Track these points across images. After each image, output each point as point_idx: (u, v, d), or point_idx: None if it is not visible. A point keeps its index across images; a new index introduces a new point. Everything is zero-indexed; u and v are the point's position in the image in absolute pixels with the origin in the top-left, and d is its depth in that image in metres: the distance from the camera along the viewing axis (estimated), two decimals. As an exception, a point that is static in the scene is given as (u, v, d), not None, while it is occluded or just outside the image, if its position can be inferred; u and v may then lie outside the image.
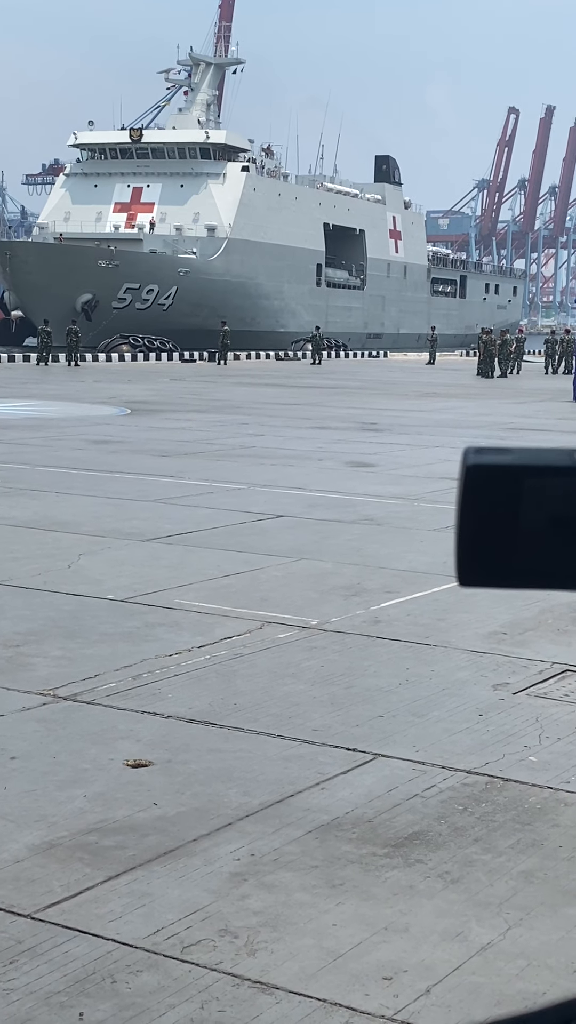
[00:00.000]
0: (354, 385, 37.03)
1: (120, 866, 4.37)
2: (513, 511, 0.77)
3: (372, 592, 8.80)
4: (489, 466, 0.77)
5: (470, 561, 0.78)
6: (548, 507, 0.77)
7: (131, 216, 64.81)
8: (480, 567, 0.78)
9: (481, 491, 0.77)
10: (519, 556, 0.77)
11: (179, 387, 34.17)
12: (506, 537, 0.77)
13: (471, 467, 0.77)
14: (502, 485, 0.77)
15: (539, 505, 0.77)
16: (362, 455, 17.42)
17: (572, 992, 0.73)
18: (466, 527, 0.78)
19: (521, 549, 0.77)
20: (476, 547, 0.78)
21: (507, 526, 0.77)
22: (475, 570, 0.78)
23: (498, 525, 0.77)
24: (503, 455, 0.77)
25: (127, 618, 7.92)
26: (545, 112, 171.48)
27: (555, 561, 0.77)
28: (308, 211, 71.30)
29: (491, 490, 0.77)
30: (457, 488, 0.78)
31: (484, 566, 0.78)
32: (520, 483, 0.77)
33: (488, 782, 5.22)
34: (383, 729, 5.86)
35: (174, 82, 74.49)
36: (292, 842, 4.58)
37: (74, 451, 17.35)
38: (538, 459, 0.77)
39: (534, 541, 0.77)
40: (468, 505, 0.77)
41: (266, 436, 19.98)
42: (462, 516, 0.77)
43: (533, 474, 0.77)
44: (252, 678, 6.64)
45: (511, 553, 0.77)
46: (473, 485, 0.77)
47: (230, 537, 10.82)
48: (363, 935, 3.91)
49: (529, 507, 0.77)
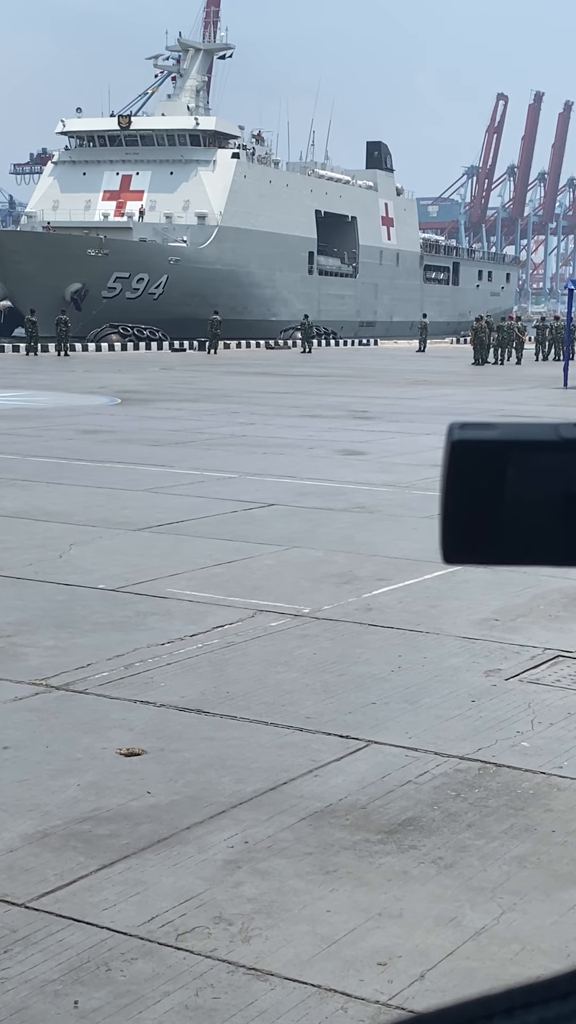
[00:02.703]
0: (344, 373, 37.00)
1: (114, 854, 4.37)
2: (499, 487, 0.76)
3: (364, 580, 8.81)
4: (474, 441, 0.77)
5: (455, 538, 0.78)
6: (534, 482, 0.77)
7: (120, 204, 64.57)
8: (465, 544, 0.78)
9: (466, 467, 0.77)
10: (504, 532, 0.77)
11: (169, 376, 34.11)
12: (491, 513, 0.77)
13: (456, 442, 0.77)
14: (487, 461, 0.77)
15: (525, 481, 0.76)
16: (353, 443, 17.42)
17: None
18: (451, 503, 0.77)
19: (506, 525, 0.77)
20: (461, 524, 0.77)
21: (492, 502, 0.77)
22: (460, 547, 0.78)
23: (483, 501, 0.77)
24: (488, 430, 0.77)
25: (119, 607, 7.91)
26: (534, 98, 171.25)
27: (540, 537, 0.77)
28: (299, 198, 71.07)
29: (476, 466, 0.77)
30: (442, 464, 0.78)
31: (469, 543, 0.78)
32: (505, 458, 0.76)
33: (481, 768, 5.23)
34: (376, 716, 5.86)
35: (163, 68, 74.10)
36: (286, 829, 4.59)
37: (64, 441, 17.32)
38: (523, 434, 0.77)
39: (519, 517, 0.77)
40: (453, 481, 0.77)
41: (257, 425, 19.96)
42: (447, 492, 0.77)
43: (518, 449, 0.76)
44: (244, 666, 6.65)
45: (496, 529, 0.77)
46: (458, 461, 0.77)
47: (221, 526, 10.82)
48: (357, 921, 3.92)
49: (515, 483, 0.76)
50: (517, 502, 0.76)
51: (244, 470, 14.35)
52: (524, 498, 0.76)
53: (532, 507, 0.76)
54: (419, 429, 19.50)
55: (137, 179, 65.17)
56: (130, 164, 65.40)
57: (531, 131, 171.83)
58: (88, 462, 14.97)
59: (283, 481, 13.51)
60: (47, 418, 20.73)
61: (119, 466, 14.63)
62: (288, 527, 10.81)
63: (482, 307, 79.54)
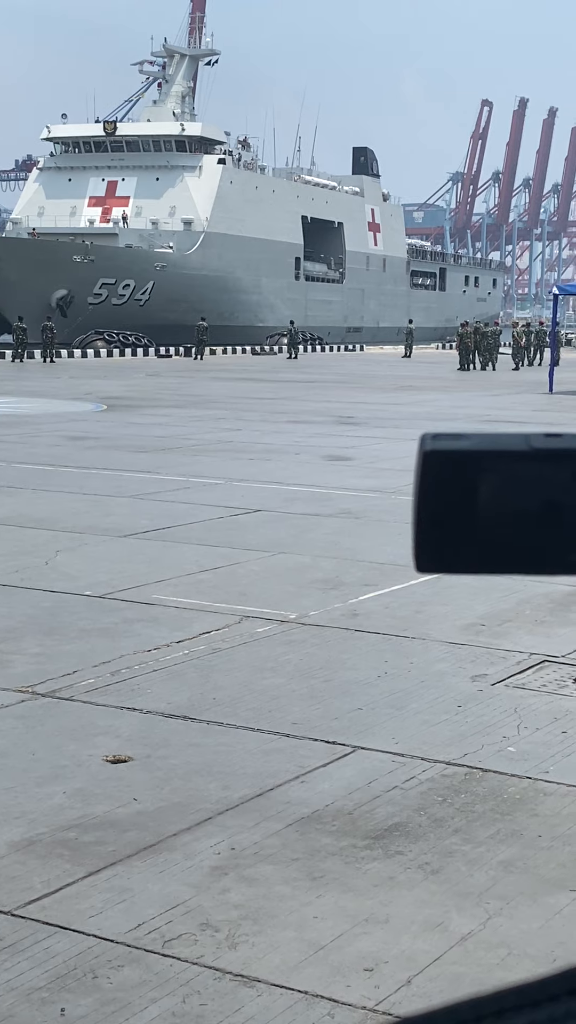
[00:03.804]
0: (331, 379, 37.04)
1: (100, 862, 4.37)
2: (470, 496, 0.78)
3: (350, 585, 8.82)
4: (446, 451, 0.78)
5: (427, 547, 0.79)
6: (505, 492, 0.78)
7: (106, 210, 64.50)
8: (437, 553, 0.79)
9: (438, 477, 0.78)
10: (476, 541, 0.78)
11: (155, 383, 34.10)
12: (463, 522, 0.78)
13: (428, 453, 0.78)
14: (459, 471, 0.78)
15: (496, 490, 0.78)
16: (339, 449, 17.43)
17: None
18: (423, 513, 0.78)
19: (478, 534, 0.78)
20: (433, 532, 0.78)
21: (464, 512, 0.78)
22: (432, 556, 0.79)
23: (455, 511, 0.78)
24: (460, 440, 0.78)
25: (105, 614, 7.90)
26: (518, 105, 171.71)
27: (512, 546, 0.78)
28: (286, 204, 71.11)
29: (448, 476, 0.78)
30: (414, 474, 0.78)
31: (441, 552, 0.79)
32: (477, 468, 0.77)
33: (467, 773, 5.24)
34: (362, 722, 5.87)
35: (148, 74, 74.14)
36: (272, 835, 4.59)
37: (50, 448, 17.29)
38: (495, 444, 0.78)
39: (491, 526, 0.78)
40: (425, 491, 0.78)
41: (243, 431, 19.96)
42: (419, 502, 0.78)
43: (490, 459, 0.77)
44: (231, 672, 6.65)
45: (468, 538, 0.78)
46: (430, 471, 0.78)
47: (208, 532, 10.81)
48: (344, 927, 3.92)
49: (486, 492, 0.77)
50: (489, 511, 0.77)
51: (230, 476, 14.36)
52: (496, 507, 0.77)
53: (504, 516, 0.77)
54: (405, 435, 19.52)
55: (123, 185, 65.13)
56: (116, 170, 65.37)
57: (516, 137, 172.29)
58: (74, 468, 14.95)
59: (269, 487, 13.52)
60: (33, 424, 20.70)
61: (105, 472, 14.61)
62: (274, 533, 10.82)
63: (469, 313, 79.66)
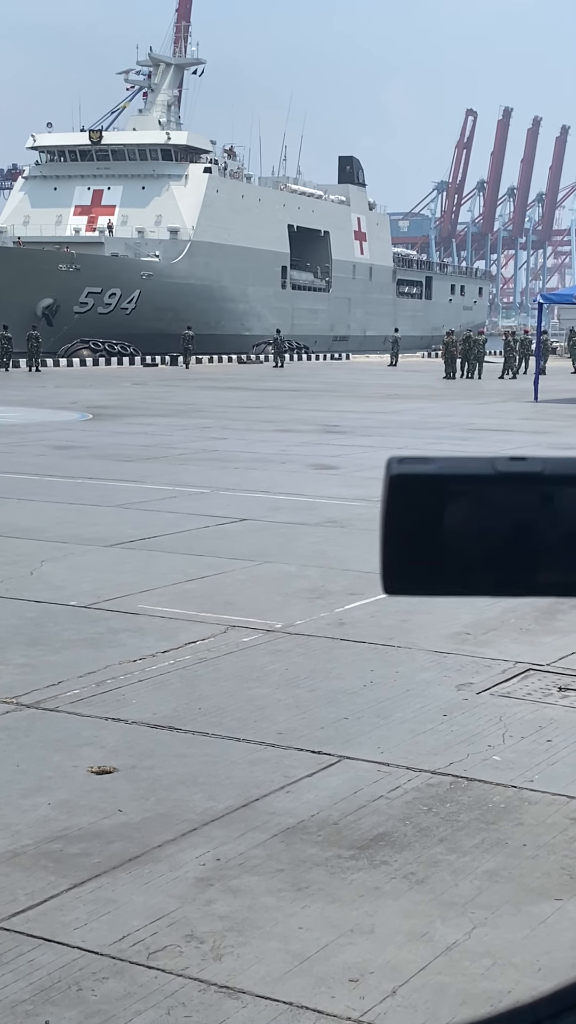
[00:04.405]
0: (317, 387, 37.06)
1: (85, 873, 4.35)
2: (437, 520, 0.78)
3: (336, 594, 8.82)
4: (412, 475, 0.79)
5: (395, 569, 0.80)
6: (471, 515, 0.78)
7: (92, 219, 64.51)
8: (405, 575, 0.80)
9: (405, 500, 0.79)
10: (442, 564, 0.79)
11: (141, 391, 34.08)
12: (430, 545, 0.79)
13: (395, 477, 0.79)
14: (425, 494, 0.78)
15: (462, 513, 0.78)
16: (325, 457, 17.45)
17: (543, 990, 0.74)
18: (391, 535, 0.79)
19: (444, 557, 0.79)
20: (401, 556, 0.79)
21: (431, 534, 0.79)
22: (400, 578, 0.80)
23: (422, 534, 0.79)
24: (426, 464, 0.79)
25: (90, 624, 7.89)
26: (503, 114, 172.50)
27: (478, 568, 0.79)
28: (272, 213, 71.22)
29: (415, 499, 0.79)
30: (381, 497, 0.79)
31: (408, 574, 0.80)
32: (443, 492, 0.78)
33: (452, 782, 5.25)
34: (348, 731, 5.87)
35: (134, 83, 74.23)
36: (258, 846, 4.58)
37: (36, 457, 17.27)
38: (460, 468, 0.79)
39: (457, 549, 0.79)
40: (392, 514, 0.79)
41: (229, 440, 19.96)
42: (387, 525, 0.79)
43: (456, 483, 0.78)
44: (217, 682, 6.64)
45: (435, 561, 0.79)
46: (397, 494, 0.79)
47: (193, 541, 10.81)
48: (329, 937, 3.92)
49: (452, 515, 0.78)
50: (455, 534, 0.78)
51: (216, 485, 14.35)
52: (462, 530, 0.78)
53: (469, 539, 0.78)
54: (391, 443, 19.55)
55: (108, 194, 65.17)
56: (101, 179, 65.41)
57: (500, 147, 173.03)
58: (59, 478, 14.93)
59: (255, 496, 13.52)
60: (18, 434, 20.66)
61: (90, 482, 14.60)
62: (260, 542, 10.82)
63: (455, 321, 79.89)
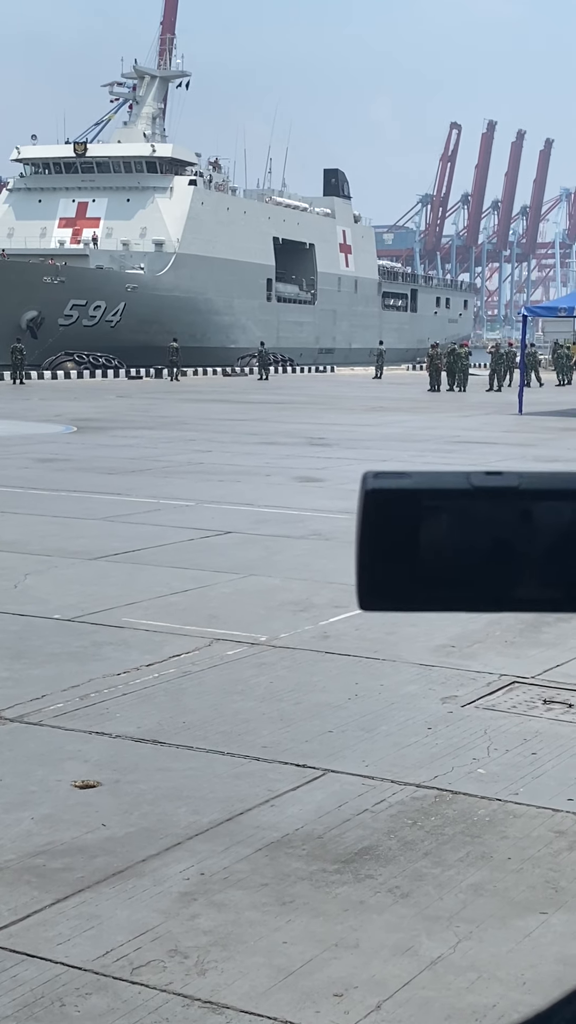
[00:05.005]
0: (301, 400, 37.10)
1: (68, 888, 4.34)
2: (413, 535, 0.78)
3: (321, 607, 8.81)
4: (388, 490, 0.78)
5: (371, 585, 0.79)
6: (446, 530, 0.78)
7: (76, 231, 64.52)
8: (381, 590, 0.79)
9: (381, 515, 0.78)
10: (419, 579, 0.79)
11: (126, 404, 34.06)
12: (406, 561, 0.78)
13: (370, 491, 0.78)
14: (401, 509, 0.78)
15: (438, 528, 0.78)
16: (310, 470, 17.46)
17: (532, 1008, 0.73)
18: (366, 551, 0.79)
19: (420, 572, 0.79)
20: (376, 571, 0.79)
21: (407, 549, 0.78)
22: (376, 593, 0.79)
23: (398, 549, 0.78)
24: (402, 479, 0.79)
25: (74, 637, 7.87)
26: (487, 127, 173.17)
27: (454, 583, 0.79)
28: (257, 225, 71.33)
29: (391, 514, 0.78)
30: (357, 512, 0.79)
31: (384, 589, 0.79)
32: (419, 507, 0.78)
33: (437, 795, 5.24)
34: (332, 744, 5.86)
35: (119, 95, 74.34)
36: (242, 860, 4.57)
37: (20, 470, 17.23)
38: (436, 482, 0.78)
39: (433, 564, 0.78)
40: (368, 529, 0.78)
41: (214, 452, 19.96)
42: (362, 540, 0.79)
43: (432, 498, 0.78)
44: (201, 696, 6.63)
45: (411, 576, 0.79)
46: (373, 509, 0.78)
47: (178, 554, 10.80)
48: (314, 952, 3.91)
49: (428, 530, 0.78)
50: (431, 549, 0.78)
51: (201, 498, 14.35)
52: (438, 545, 0.78)
53: (445, 554, 0.78)
54: (376, 456, 19.58)
55: (93, 206, 65.20)
56: (86, 191, 65.45)
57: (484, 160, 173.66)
58: (43, 491, 14.90)
59: (240, 509, 13.51)
60: (2, 446, 20.62)
61: (75, 495, 14.57)
62: (245, 555, 10.81)
63: (440, 334, 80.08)
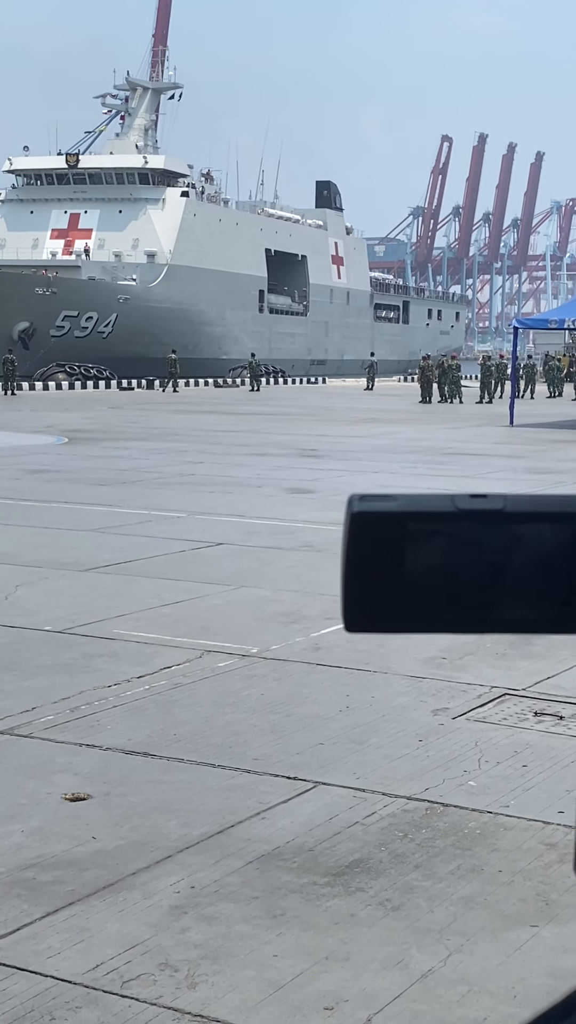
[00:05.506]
0: (293, 411, 37.13)
1: (58, 901, 4.32)
2: (398, 557, 0.78)
3: (312, 619, 8.81)
4: (373, 513, 0.79)
5: (356, 607, 0.79)
6: (431, 552, 0.79)
7: (68, 243, 64.59)
8: (366, 613, 0.80)
9: (366, 538, 0.79)
10: (404, 601, 0.79)
11: (117, 415, 34.06)
12: (391, 583, 0.79)
13: (356, 514, 0.79)
14: (387, 531, 0.78)
15: (423, 551, 0.78)
16: (301, 481, 17.47)
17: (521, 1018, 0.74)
18: (352, 573, 0.79)
19: (406, 594, 0.79)
20: (362, 593, 0.79)
21: (392, 572, 0.79)
22: (361, 616, 0.80)
23: (383, 571, 0.79)
24: (387, 502, 0.79)
25: (65, 649, 7.86)
26: (478, 140, 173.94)
27: (439, 605, 0.79)
28: (249, 237, 71.45)
29: (376, 537, 0.79)
30: (342, 535, 0.79)
31: (370, 612, 0.79)
32: (404, 529, 0.78)
33: (428, 808, 5.24)
34: (323, 757, 5.86)
35: (111, 107, 74.51)
36: (232, 873, 4.56)
37: (10, 481, 17.21)
38: (421, 505, 0.79)
39: (418, 586, 0.79)
40: (353, 552, 0.79)
41: (205, 463, 19.96)
42: (348, 563, 0.79)
43: (417, 520, 0.78)
44: (192, 708, 6.62)
45: (396, 598, 0.79)
46: (358, 532, 0.78)
47: (169, 566, 10.79)
48: (304, 965, 3.90)
49: (413, 552, 0.78)
50: (416, 572, 0.78)
51: (192, 509, 14.34)
52: (423, 568, 0.78)
53: (431, 576, 0.78)
54: (367, 467, 19.61)
55: (85, 217, 65.29)
56: (78, 202, 65.55)
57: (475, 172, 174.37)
58: (34, 502, 14.89)
59: (231, 520, 13.51)
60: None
61: (66, 506, 14.56)
62: (236, 566, 10.81)
63: (432, 346, 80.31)
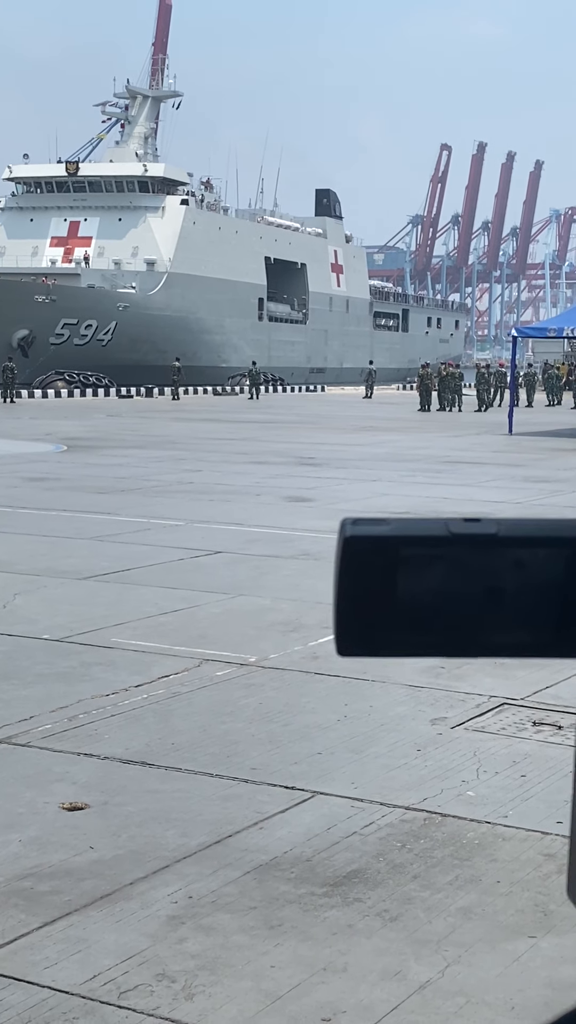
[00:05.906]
0: (291, 419, 37.16)
1: (56, 911, 4.31)
2: (390, 581, 0.78)
3: (310, 628, 8.81)
4: (366, 537, 0.79)
5: (349, 630, 0.79)
6: (424, 576, 0.79)
7: (68, 250, 64.64)
8: (358, 636, 0.80)
9: (359, 561, 0.79)
10: (396, 625, 0.79)
11: (116, 423, 34.07)
12: (384, 607, 0.79)
13: (349, 538, 0.79)
14: (380, 556, 0.78)
15: (415, 575, 0.78)
16: (300, 490, 17.47)
17: None
18: (344, 597, 0.79)
19: (398, 618, 0.79)
20: (354, 617, 0.79)
21: (385, 596, 0.78)
22: (353, 639, 0.80)
23: (376, 595, 0.79)
24: (380, 526, 0.79)
25: (63, 658, 7.85)
26: (477, 149, 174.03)
27: (432, 629, 0.79)
28: (249, 245, 71.51)
29: (369, 560, 0.78)
30: (335, 558, 0.79)
31: (362, 635, 0.79)
32: (397, 553, 0.78)
33: (426, 818, 5.23)
34: (321, 766, 5.85)
35: (111, 115, 74.62)
36: (230, 883, 4.55)
37: (9, 489, 17.21)
38: (415, 529, 0.79)
39: (411, 610, 0.79)
40: (346, 575, 0.79)
41: (204, 472, 19.97)
42: (340, 586, 0.79)
43: (410, 544, 0.78)
44: (190, 717, 6.61)
45: (389, 622, 0.79)
46: (351, 556, 0.78)
47: (167, 574, 10.78)
48: (302, 976, 3.89)
49: (406, 577, 0.78)
50: (409, 596, 0.78)
51: (191, 517, 14.34)
52: (415, 592, 0.78)
53: (423, 600, 0.78)
54: (366, 475, 19.61)
55: (85, 225, 65.35)
56: (78, 210, 65.61)
57: (475, 181, 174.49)
58: (33, 510, 14.88)
59: (230, 528, 13.51)
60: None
61: (64, 514, 14.56)
62: (234, 575, 10.80)
63: (432, 354, 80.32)
